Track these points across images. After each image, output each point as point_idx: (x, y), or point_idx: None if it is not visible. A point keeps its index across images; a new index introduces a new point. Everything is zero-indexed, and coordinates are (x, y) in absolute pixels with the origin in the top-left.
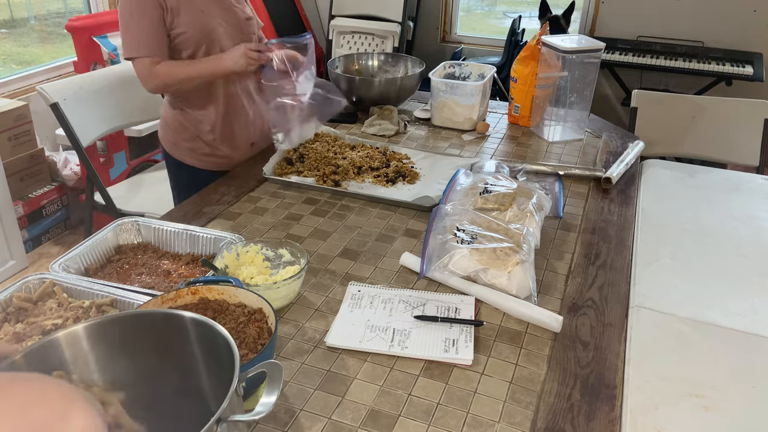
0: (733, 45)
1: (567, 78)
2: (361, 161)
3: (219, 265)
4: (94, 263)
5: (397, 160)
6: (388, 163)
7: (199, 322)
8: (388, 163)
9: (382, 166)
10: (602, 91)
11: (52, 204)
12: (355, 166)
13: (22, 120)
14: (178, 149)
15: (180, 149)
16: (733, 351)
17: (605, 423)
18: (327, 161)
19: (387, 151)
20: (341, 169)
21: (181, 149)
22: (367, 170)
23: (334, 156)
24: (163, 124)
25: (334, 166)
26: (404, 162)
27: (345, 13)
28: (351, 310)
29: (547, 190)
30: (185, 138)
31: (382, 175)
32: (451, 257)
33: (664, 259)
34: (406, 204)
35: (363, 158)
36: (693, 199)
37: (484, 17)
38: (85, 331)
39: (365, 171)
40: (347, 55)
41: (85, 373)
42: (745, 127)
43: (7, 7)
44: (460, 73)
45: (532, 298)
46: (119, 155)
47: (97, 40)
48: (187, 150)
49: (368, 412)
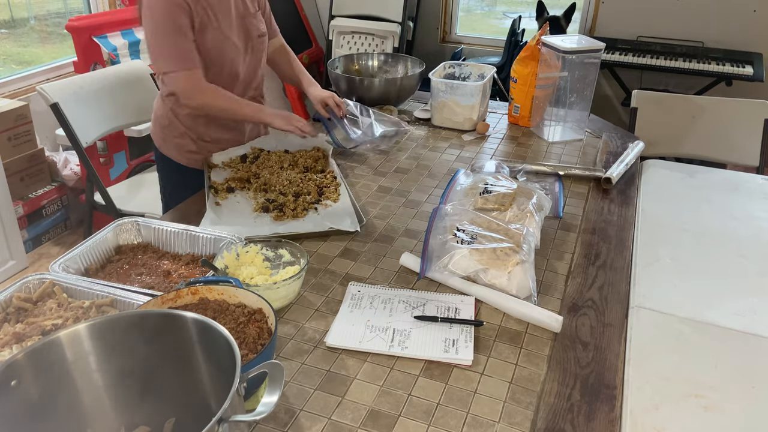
0: (733, 45)
1: (567, 78)
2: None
3: (219, 266)
4: (94, 263)
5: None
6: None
7: (200, 323)
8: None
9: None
10: (602, 91)
11: (52, 204)
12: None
13: (22, 120)
14: (166, 145)
15: (168, 145)
16: (733, 351)
17: (605, 423)
18: (264, 185)
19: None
20: (275, 203)
21: (169, 146)
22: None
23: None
24: (154, 119)
25: (273, 196)
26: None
27: (345, 13)
28: (351, 310)
29: (547, 191)
30: (174, 134)
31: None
32: (451, 257)
33: (664, 259)
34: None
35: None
36: (693, 199)
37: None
38: (87, 330)
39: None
40: (347, 55)
41: (85, 372)
42: (745, 127)
43: (7, 7)
44: (460, 73)
45: (532, 298)
46: (119, 155)
47: (97, 40)
48: (174, 147)
49: (368, 412)
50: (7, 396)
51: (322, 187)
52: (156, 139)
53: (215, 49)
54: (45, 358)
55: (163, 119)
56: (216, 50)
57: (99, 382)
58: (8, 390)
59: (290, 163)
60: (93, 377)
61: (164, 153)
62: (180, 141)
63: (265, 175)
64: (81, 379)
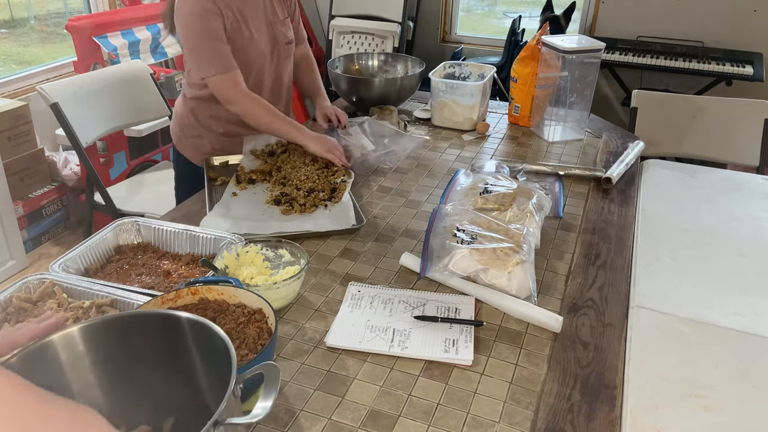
0: (733, 45)
1: (567, 78)
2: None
3: (219, 266)
4: (94, 263)
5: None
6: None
7: (195, 323)
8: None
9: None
10: (602, 91)
11: (52, 204)
12: (304, 190)
13: (22, 120)
14: (182, 144)
15: (185, 144)
16: (733, 351)
17: (605, 423)
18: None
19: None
20: (287, 197)
21: (186, 145)
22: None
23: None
24: (174, 116)
25: (289, 190)
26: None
27: (345, 13)
28: (351, 310)
29: (547, 190)
30: (192, 134)
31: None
32: (451, 257)
33: (664, 259)
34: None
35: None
36: (693, 199)
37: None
38: (81, 332)
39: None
40: (347, 55)
41: (81, 374)
42: (745, 127)
43: (7, 7)
44: (460, 73)
45: (532, 298)
46: (119, 155)
47: (97, 40)
48: (191, 146)
49: (368, 412)
50: None
51: (333, 184)
52: (174, 136)
53: (242, 54)
54: (39, 360)
55: (183, 118)
56: (243, 55)
57: (95, 384)
58: None
59: (312, 159)
60: (88, 379)
61: (180, 151)
62: (197, 141)
63: (286, 169)
64: (76, 381)
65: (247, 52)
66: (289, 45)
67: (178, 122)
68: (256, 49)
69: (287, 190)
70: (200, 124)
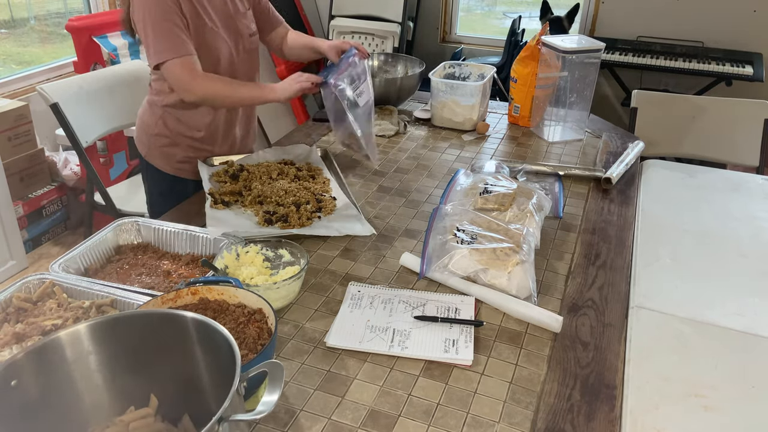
0: (732, 45)
1: (567, 78)
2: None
3: (219, 266)
4: (93, 263)
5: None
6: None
7: (200, 323)
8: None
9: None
10: (602, 91)
11: (52, 204)
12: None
13: (22, 120)
14: (152, 154)
15: (155, 154)
16: (733, 351)
17: (605, 423)
18: (264, 196)
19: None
20: (277, 215)
21: (156, 154)
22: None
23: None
24: (139, 127)
25: (271, 208)
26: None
27: (345, 13)
28: (351, 310)
29: (547, 191)
30: (163, 144)
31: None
32: (451, 257)
33: (664, 259)
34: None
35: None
36: (693, 199)
37: (484, 17)
38: (87, 330)
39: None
40: None
41: (85, 372)
42: (745, 127)
43: (7, 7)
44: (460, 73)
45: (532, 298)
46: (119, 155)
47: (97, 40)
48: (162, 156)
49: (368, 412)
50: (7, 396)
51: (318, 195)
52: (141, 147)
53: (208, 47)
54: (45, 358)
55: (151, 128)
56: (209, 48)
57: (99, 382)
58: (8, 390)
59: (279, 173)
60: (93, 377)
61: (150, 161)
62: (169, 150)
63: (257, 186)
64: (81, 379)
65: (212, 44)
66: (253, 37)
67: (145, 131)
68: (221, 40)
69: (270, 208)
70: (171, 132)
